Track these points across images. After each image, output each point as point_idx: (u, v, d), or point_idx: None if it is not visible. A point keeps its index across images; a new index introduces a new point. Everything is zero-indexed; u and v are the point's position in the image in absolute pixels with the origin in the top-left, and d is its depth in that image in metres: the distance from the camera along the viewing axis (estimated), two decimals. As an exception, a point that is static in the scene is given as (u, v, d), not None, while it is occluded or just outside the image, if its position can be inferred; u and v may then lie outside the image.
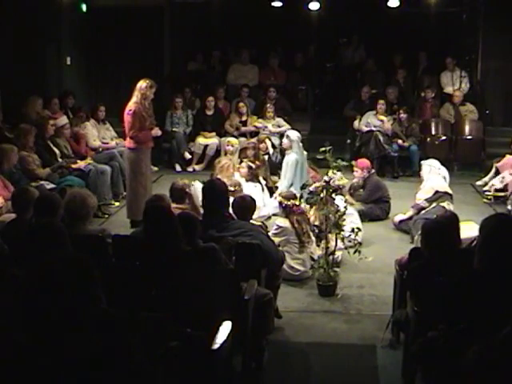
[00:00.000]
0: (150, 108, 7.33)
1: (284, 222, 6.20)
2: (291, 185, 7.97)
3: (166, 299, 3.65)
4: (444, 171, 7.93)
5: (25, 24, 9.38)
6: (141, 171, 7.33)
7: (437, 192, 7.61)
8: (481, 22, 11.83)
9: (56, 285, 2.68)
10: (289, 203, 6.19)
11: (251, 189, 7.77)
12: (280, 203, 6.34)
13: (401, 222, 7.61)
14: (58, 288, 2.67)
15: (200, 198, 5.53)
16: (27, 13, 9.43)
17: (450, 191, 7.64)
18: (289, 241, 6.15)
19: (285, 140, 8.38)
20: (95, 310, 2.72)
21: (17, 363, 2.55)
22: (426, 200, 7.68)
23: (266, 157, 9.26)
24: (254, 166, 8.20)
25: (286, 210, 6.22)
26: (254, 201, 5.50)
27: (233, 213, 5.18)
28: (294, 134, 8.36)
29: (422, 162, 8.23)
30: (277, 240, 5.93)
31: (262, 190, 8.20)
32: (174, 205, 5.35)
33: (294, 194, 6.55)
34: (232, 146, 9.30)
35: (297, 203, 6.25)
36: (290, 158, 8.18)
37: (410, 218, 7.48)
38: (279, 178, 8.97)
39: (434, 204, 7.50)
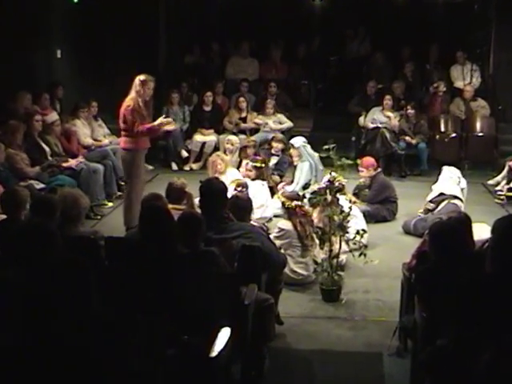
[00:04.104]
0: (148, 106, 7.17)
1: (286, 225, 6.20)
2: (305, 188, 7.99)
3: (161, 305, 3.65)
4: (463, 183, 7.90)
5: (12, 15, 9.37)
6: (136, 174, 7.15)
7: (442, 194, 7.65)
8: (493, 13, 11.80)
9: (49, 287, 2.69)
10: (292, 205, 6.18)
11: (258, 187, 7.79)
12: (283, 204, 6.32)
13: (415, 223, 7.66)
14: (51, 291, 2.68)
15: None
16: (14, 3, 9.42)
17: (460, 196, 7.65)
18: (291, 244, 6.15)
19: (291, 151, 8.48)
20: (88, 315, 2.73)
21: (8, 367, 2.57)
22: (430, 201, 7.73)
23: (276, 159, 9.24)
24: (260, 165, 8.20)
25: (289, 212, 6.22)
26: (250, 200, 5.51)
27: (230, 214, 5.17)
28: (298, 141, 8.44)
29: (444, 167, 8.21)
30: (278, 243, 5.93)
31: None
32: (170, 205, 5.35)
33: (298, 194, 6.56)
34: (232, 144, 9.27)
35: (300, 204, 6.25)
36: (304, 166, 8.25)
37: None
38: (281, 178, 9.01)
39: (443, 204, 7.54)
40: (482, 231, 5.37)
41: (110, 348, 2.66)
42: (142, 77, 7.09)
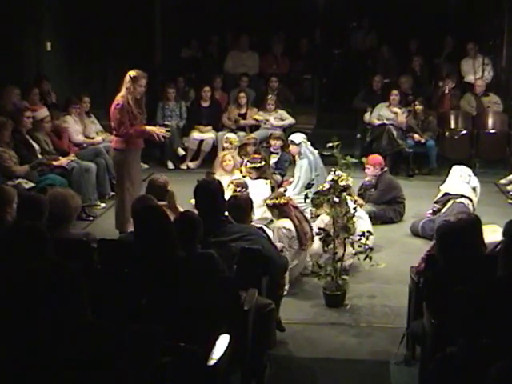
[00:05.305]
0: (140, 103, 7.03)
1: (289, 224, 6.19)
2: (308, 187, 8.01)
3: (157, 310, 3.65)
4: (475, 181, 7.86)
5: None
6: (129, 176, 7.00)
7: (446, 194, 7.64)
8: (507, 2, 11.73)
9: (36, 295, 2.69)
10: (283, 201, 6.21)
11: (260, 186, 7.78)
12: (274, 205, 6.31)
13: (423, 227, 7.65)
14: (39, 298, 2.68)
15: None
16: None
17: (468, 195, 7.62)
18: (289, 244, 6.15)
19: (291, 148, 8.50)
20: (80, 323, 2.73)
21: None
22: (435, 202, 7.73)
23: (276, 157, 9.24)
24: (259, 164, 8.22)
25: (284, 209, 6.22)
26: (250, 200, 5.50)
27: (228, 215, 5.17)
28: (298, 137, 8.43)
29: (454, 166, 8.19)
30: (280, 245, 5.95)
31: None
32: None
33: (281, 192, 6.63)
34: (230, 143, 9.21)
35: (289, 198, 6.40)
36: (303, 164, 8.26)
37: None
38: (282, 178, 9.02)
39: (448, 204, 7.53)
40: (493, 233, 5.37)
41: (100, 359, 2.66)
42: (132, 73, 6.94)
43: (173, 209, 5.76)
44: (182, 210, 6.01)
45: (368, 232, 6.04)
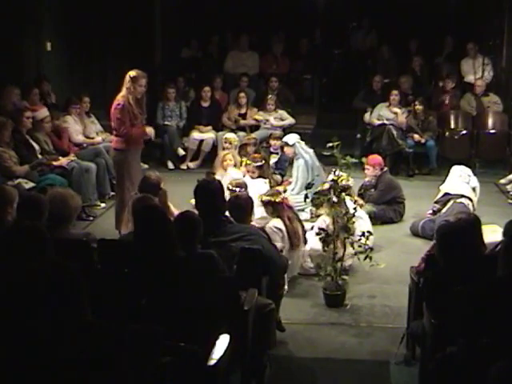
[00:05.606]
0: (141, 103, 7.04)
1: (279, 223, 6.18)
2: (308, 187, 8.03)
3: (157, 310, 3.65)
4: (474, 181, 7.86)
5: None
6: (129, 176, 7.00)
7: (446, 194, 7.64)
8: (507, 2, 11.72)
9: (36, 295, 2.69)
10: (278, 200, 6.21)
11: (260, 185, 7.79)
12: (268, 202, 6.30)
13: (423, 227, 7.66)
14: (39, 298, 2.69)
15: None
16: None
17: (468, 194, 7.62)
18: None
19: (286, 149, 8.51)
20: (80, 323, 2.73)
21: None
22: (435, 202, 7.73)
23: (275, 159, 9.24)
24: (261, 163, 8.23)
25: (277, 208, 6.22)
26: (250, 200, 5.50)
27: (229, 215, 5.17)
28: (292, 138, 8.45)
29: (454, 166, 8.18)
30: (280, 245, 5.95)
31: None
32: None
33: (278, 190, 6.61)
34: (230, 143, 9.19)
35: (284, 197, 6.37)
36: (300, 163, 8.28)
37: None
38: (282, 178, 9.03)
39: (449, 204, 7.54)
40: (493, 233, 5.37)
41: (100, 359, 2.66)
42: (132, 73, 6.97)
43: (164, 206, 5.76)
44: (172, 207, 6.04)
45: (368, 232, 6.04)
